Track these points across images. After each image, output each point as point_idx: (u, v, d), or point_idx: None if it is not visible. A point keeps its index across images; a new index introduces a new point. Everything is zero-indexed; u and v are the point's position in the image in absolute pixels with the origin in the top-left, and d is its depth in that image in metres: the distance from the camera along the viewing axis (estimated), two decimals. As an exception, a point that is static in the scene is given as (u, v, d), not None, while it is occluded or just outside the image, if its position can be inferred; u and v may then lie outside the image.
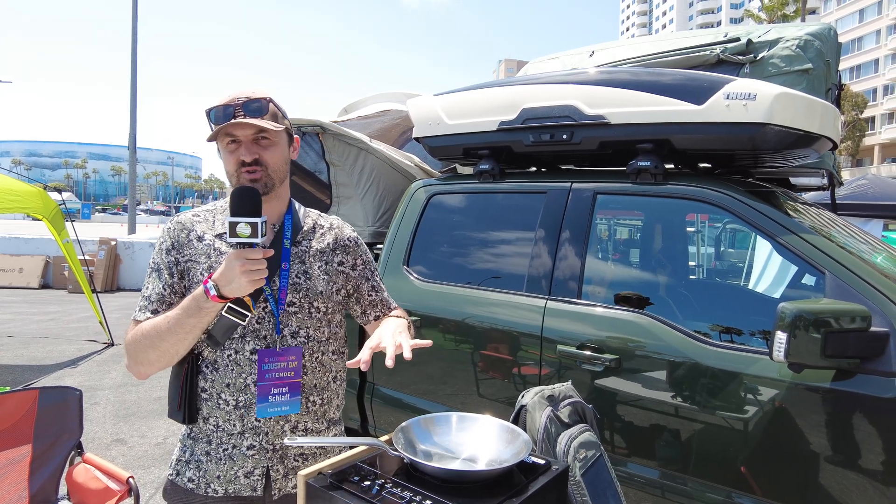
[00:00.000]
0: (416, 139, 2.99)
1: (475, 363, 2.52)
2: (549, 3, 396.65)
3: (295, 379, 1.32)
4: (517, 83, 2.64)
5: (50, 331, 7.25)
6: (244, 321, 1.25)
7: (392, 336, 1.21)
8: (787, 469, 1.79)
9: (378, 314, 1.50)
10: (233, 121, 1.25)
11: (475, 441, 1.07)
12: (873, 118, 47.92)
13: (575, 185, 2.44)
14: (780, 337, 1.61)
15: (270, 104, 1.32)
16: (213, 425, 1.31)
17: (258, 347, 1.29)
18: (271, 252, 1.23)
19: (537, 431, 1.24)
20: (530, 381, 2.33)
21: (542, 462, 1.05)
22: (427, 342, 1.23)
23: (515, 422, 1.29)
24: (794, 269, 2.71)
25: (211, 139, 1.29)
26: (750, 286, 3.69)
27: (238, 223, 1.15)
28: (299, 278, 1.36)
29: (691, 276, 4.17)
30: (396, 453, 0.99)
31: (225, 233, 1.32)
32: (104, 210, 69.47)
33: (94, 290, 6.88)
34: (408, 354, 1.15)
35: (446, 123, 2.78)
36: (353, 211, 3.57)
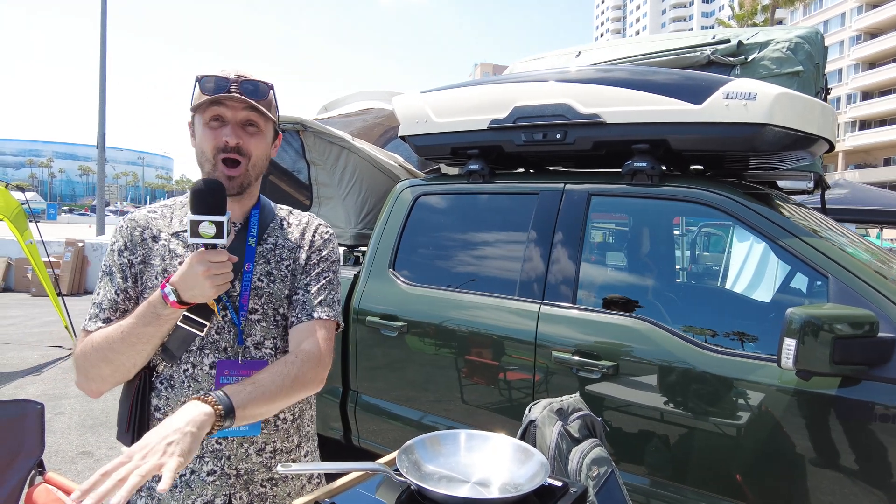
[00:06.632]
0: (402, 138, 2.89)
1: (465, 370, 2.42)
2: (525, 7, 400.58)
3: None
4: (508, 81, 2.56)
5: (11, 336, 6.91)
6: (202, 332, 1.12)
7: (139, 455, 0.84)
8: (792, 479, 1.74)
9: (299, 317, 1.23)
10: (227, 93, 1.13)
11: (486, 462, 0.98)
12: (837, 126, 49.34)
13: (568, 187, 2.37)
14: (789, 343, 1.55)
15: (271, 91, 1.20)
16: None
17: (218, 360, 1.17)
18: (236, 258, 1.11)
19: (548, 448, 1.15)
20: (523, 389, 2.25)
21: (559, 484, 0.96)
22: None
23: (523, 437, 1.20)
24: (788, 271, 2.68)
25: (195, 109, 1.16)
26: (743, 290, 3.66)
27: (201, 221, 1.02)
28: (262, 281, 1.22)
29: (689, 280, 4.14)
30: (402, 479, 0.89)
31: (182, 231, 1.20)
32: (71, 210, 67.41)
33: (59, 294, 6.58)
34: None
35: (434, 122, 2.68)
36: (334, 212, 3.45)
